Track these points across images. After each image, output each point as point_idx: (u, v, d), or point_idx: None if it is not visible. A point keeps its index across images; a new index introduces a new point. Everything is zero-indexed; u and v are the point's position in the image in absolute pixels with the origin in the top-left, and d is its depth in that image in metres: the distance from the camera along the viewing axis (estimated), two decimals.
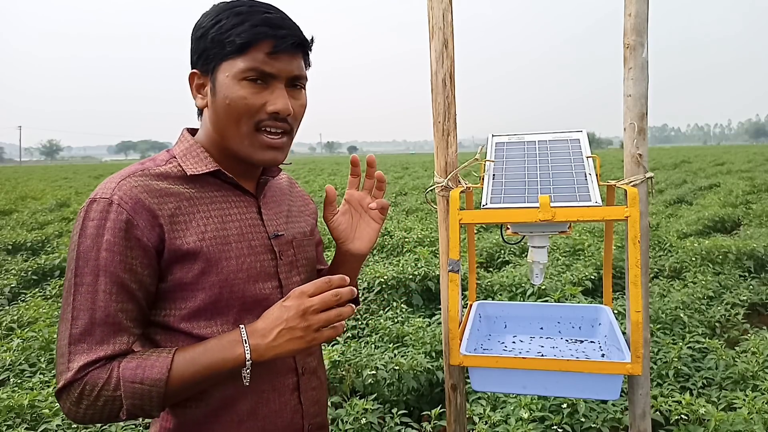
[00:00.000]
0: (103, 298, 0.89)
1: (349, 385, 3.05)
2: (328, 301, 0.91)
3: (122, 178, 0.94)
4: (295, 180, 1.28)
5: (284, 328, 0.90)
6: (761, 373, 3.03)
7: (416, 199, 11.79)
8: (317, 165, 39.17)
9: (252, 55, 0.94)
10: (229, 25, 0.94)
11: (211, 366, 0.90)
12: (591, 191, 1.17)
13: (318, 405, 1.11)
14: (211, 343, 0.92)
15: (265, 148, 0.98)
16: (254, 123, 0.96)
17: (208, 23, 0.96)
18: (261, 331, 0.91)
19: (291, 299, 0.92)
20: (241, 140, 0.98)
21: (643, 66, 1.17)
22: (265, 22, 0.94)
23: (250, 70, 0.94)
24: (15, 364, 3.35)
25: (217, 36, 0.95)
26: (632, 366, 1.08)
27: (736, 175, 15.74)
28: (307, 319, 0.90)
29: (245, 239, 1.00)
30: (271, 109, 0.96)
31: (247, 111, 0.95)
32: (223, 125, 0.98)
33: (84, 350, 0.88)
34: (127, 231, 0.90)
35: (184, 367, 0.89)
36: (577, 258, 5.58)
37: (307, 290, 0.91)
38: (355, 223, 1.14)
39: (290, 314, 0.90)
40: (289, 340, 0.90)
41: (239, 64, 0.94)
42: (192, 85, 1.01)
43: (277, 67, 0.95)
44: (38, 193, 16.83)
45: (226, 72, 0.95)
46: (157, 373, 0.87)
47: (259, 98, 0.95)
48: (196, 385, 0.91)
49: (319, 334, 0.91)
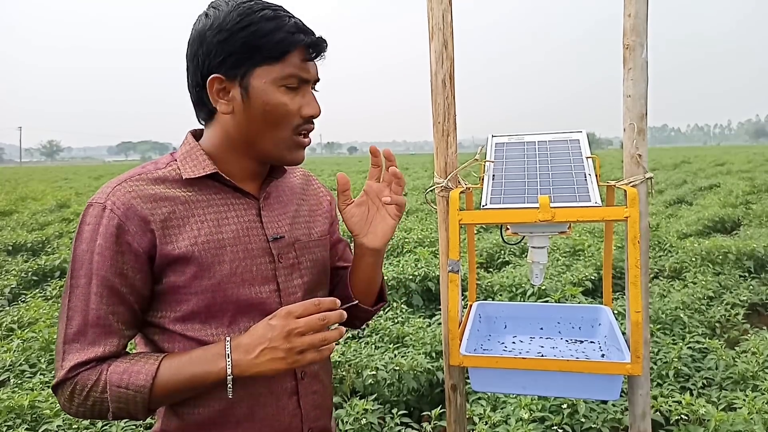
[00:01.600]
0: (95, 301, 0.91)
1: (349, 386, 3.05)
2: (314, 324, 0.89)
3: (118, 183, 0.95)
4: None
5: (267, 347, 0.89)
6: (761, 373, 3.03)
7: (416, 200, 11.79)
8: (317, 165, 39.18)
9: (290, 61, 0.96)
10: (264, 31, 0.93)
11: (195, 377, 0.90)
12: (591, 191, 1.17)
13: (319, 409, 1.10)
14: (196, 353, 0.92)
15: (299, 149, 1.02)
16: (293, 127, 0.99)
17: (233, 26, 0.94)
18: (245, 347, 0.91)
19: (277, 318, 0.91)
20: (276, 143, 0.99)
21: (642, 66, 1.18)
22: (299, 28, 0.96)
23: (290, 77, 0.96)
24: (15, 364, 3.35)
25: (249, 41, 0.93)
26: (632, 366, 1.09)
27: (736, 176, 15.73)
28: (291, 341, 0.89)
29: (241, 242, 0.99)
30: (308, 114, 0.99)
31: (287, 116, 0.98)
32: (257, 130, 0.98)
33: (77, 350, 0.91)
34: (118, 236, 0.91)
35: (169, 376, 0.90)
36: (577, 258, 5.58)
37: (295, 311, 0.90)
38: (371, 217, 1.11)
39: (274, 334, 0.89)
40: (271, 360, 0.89)
41: (278, 71, 0.95)
42: (211, 90, 0.97)
43: (311, 73, 0.99)
44: (38, 193, 16.82)
45: (263, 78, 0.95)
46: (142, 380, 0.89)
47: (295, 103, 0.98)
48: (180, 394, 0.92)
49: (301, 357, 0.90)
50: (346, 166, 37.42)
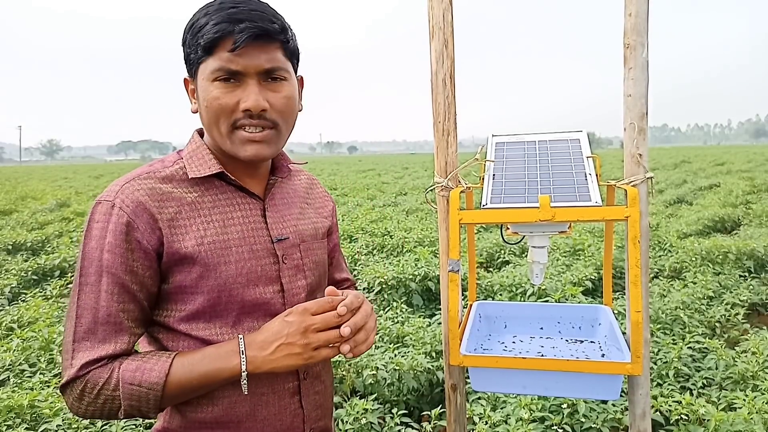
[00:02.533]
0: (106, 299, 0.91)
1: (350, 385, 3.05)
2: (330, 321, 0.91)
3: (127, 181, 0.96)
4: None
5: (283, 342, 0.90)
6: (761, 373, 3.03)
7: (416, 199, 11.79)
8: (317, 165, 39.16)
9: (218, 54, 0.93)
10: (197, 27, 0.94)
11: (208, 374, 0.91)
12: (591, 191, 1.17)
13: (321, 409, 1.10)
14: (209, 350, 0.92)
15: (245, 143, 0.97)
16: (231, 122, 0.96)
17: (187, 28, 0.96)
18: (260, 344, 0.91)
19: (294, 315, 0.91)
20: (223, 140, 0.97)
21: (643, 66, 1.17)
22: (227, 18, 0.91)
23: (217, 70, 0.93)
24: (15, 364, 3.35)
25: (190, 40, 0.95)
26: (632, 366, 1.08)
27: (736, 175, 15.73)
28: (308, 336, 0.90)
29: (246, 243, 0.99)
30: (243, 107, 0.94)
31: (222, 111, 0.95)
32: (207, 126, 0.99)
33: (87, 348, 0.90)
34: (127, 233, 0.91)
35: (182, 373, 0.90)
36: (577, 258, 5.58)
37: (311, 308, 0.91)
38: None
39: (291, 330, 0.90)
40: (287, 356, 0.90)
41: (210, 65, 0.94)
42: (186, 91, 1.02)
43: (242, 64, 0.93)
44: (38, 193, 16.83)
45: (202, 75, 0.95)
46: (155, 377, 0.89)
47: (232, 97, 0.94)
48: (193, 391, 0.92)
49: (317, 353, 0.91)
50: (345, 165, 37.40)
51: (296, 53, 1.02)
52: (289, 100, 0.99)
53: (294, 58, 1.02)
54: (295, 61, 1.03)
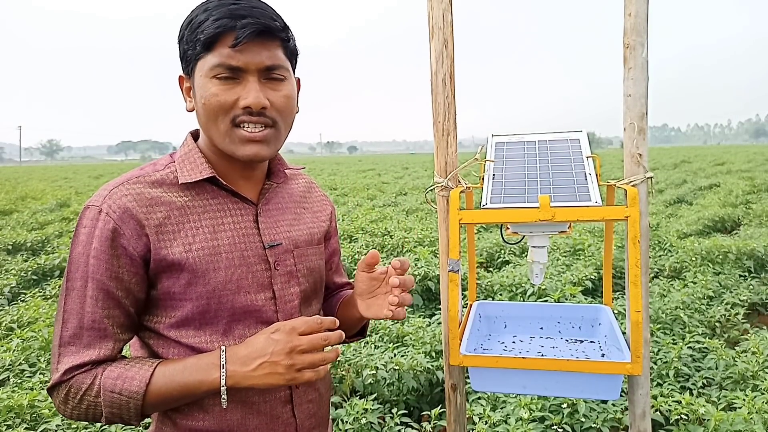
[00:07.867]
0: (91, 304, 0.90)
1: (349, 385, 3.05)
2: (316, 343, 0.89)
3: (115, 186, 0.94)
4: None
5: (267, 361, 0.88)
6: (761, 373, 3.03)
7: (416, 199, 11.79)
8: (317, 165, 39.15)
9: (218, 50, 0.91)
10: (196, 23, 0.92)
11: (188, 386, 0.90)
12: (591, 191, 1.17)
13: (315, 418, 1.08)
14: (190, 361, 0.91)
15: (245, 143, 0.95)
16: (230, 119, 0.94)
17: (184, 25, 0.95)
18: (242, 359, 0.89)
19: (280, 333, 0.89)
20: (222, 138, 0.96)
21: (643, 66, 1.17)
22: (228, 13, 0.90)
23: (217, 66, 0.92)
24: (15, 364, 3.35)
25: (189, 36, 0.94)
26: (632, 366, 1.08)
27: (736, 175, 15.73)
28: (293, 357, 0.88)
29: (237, 249, 0.97)
30: (243, 104, 0.93)
31: (222, 108, 0.93)
32: (205, 125, 0.97)
33: (72, 353, 0.90)
34: (113, 240, 0.90)
35: (162, 383, 0.90)
36: (577, 258, 5.58)
37: (298, 327, 0.89)
38: (376, 293, 1.10)
39: (277, 348, 0.88)
40: (269, 374, 0.88)
41: (209, 62, 0.92)
42: (181, 89, 1.01)
43: (243, 60, 0.92)
44: (38, 193, 16.82)
45: (200, 72, 0.94)
46: (135, 386, 0.88)
47: (231, 94, 0.93)
48: (174, 401, 0.92)
49: (299, 375, 0.89)
50: (345, 165, 37.39)
51: (296, 53, 1.02)
52: (288, 99, 0.98)
53: (293, 58, 1.01)
54: (294, 62, 1.02)
